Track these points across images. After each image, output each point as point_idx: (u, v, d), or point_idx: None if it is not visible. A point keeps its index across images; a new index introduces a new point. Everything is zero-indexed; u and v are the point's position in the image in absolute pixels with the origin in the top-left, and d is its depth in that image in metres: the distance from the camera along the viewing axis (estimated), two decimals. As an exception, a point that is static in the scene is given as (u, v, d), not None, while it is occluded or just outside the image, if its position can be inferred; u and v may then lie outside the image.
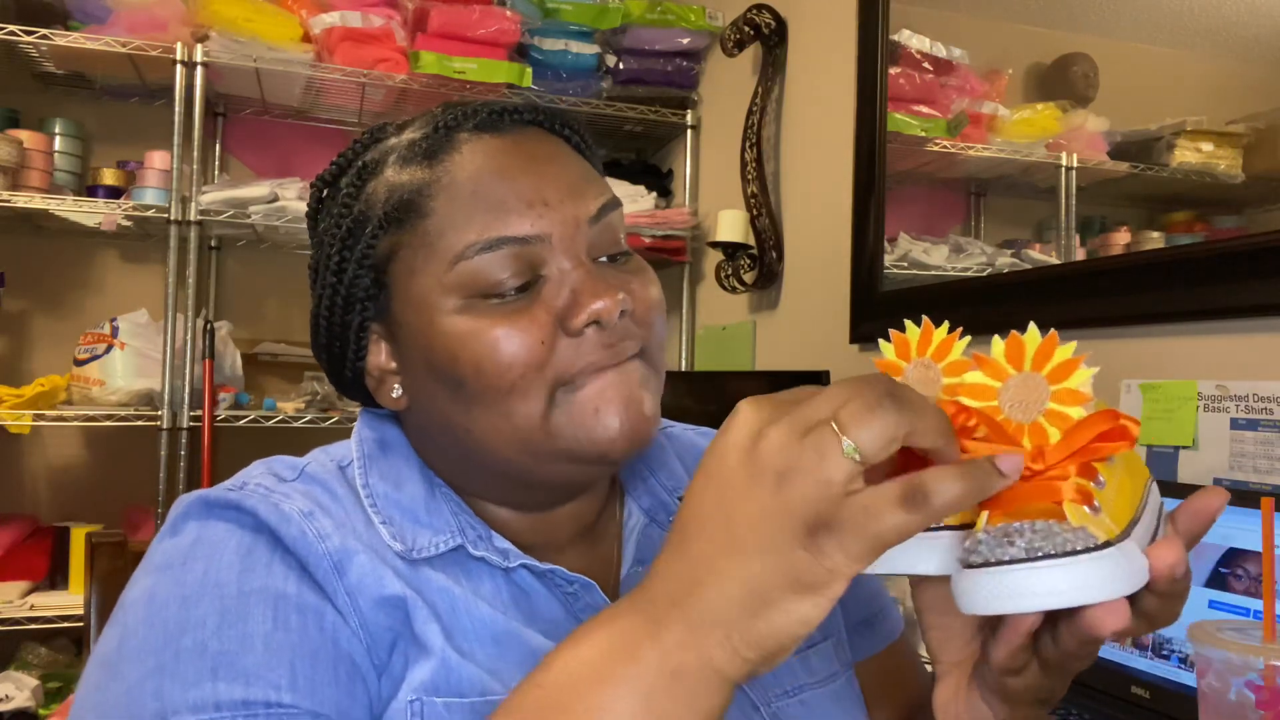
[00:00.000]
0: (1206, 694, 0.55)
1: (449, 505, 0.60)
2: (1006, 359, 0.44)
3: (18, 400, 1.99)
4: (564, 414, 0.57)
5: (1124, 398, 1.13)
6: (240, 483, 0.59)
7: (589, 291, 0.56)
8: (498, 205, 0.57)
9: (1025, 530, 0.38)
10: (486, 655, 0.55)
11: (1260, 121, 1.10)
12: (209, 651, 0.49)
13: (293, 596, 0.52)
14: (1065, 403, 0.42)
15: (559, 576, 0.59)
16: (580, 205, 0.59)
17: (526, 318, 0.56)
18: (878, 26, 1.73)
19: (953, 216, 1.67)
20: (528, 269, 0.57)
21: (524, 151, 0.60)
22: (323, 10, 2.18)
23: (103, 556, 0.85)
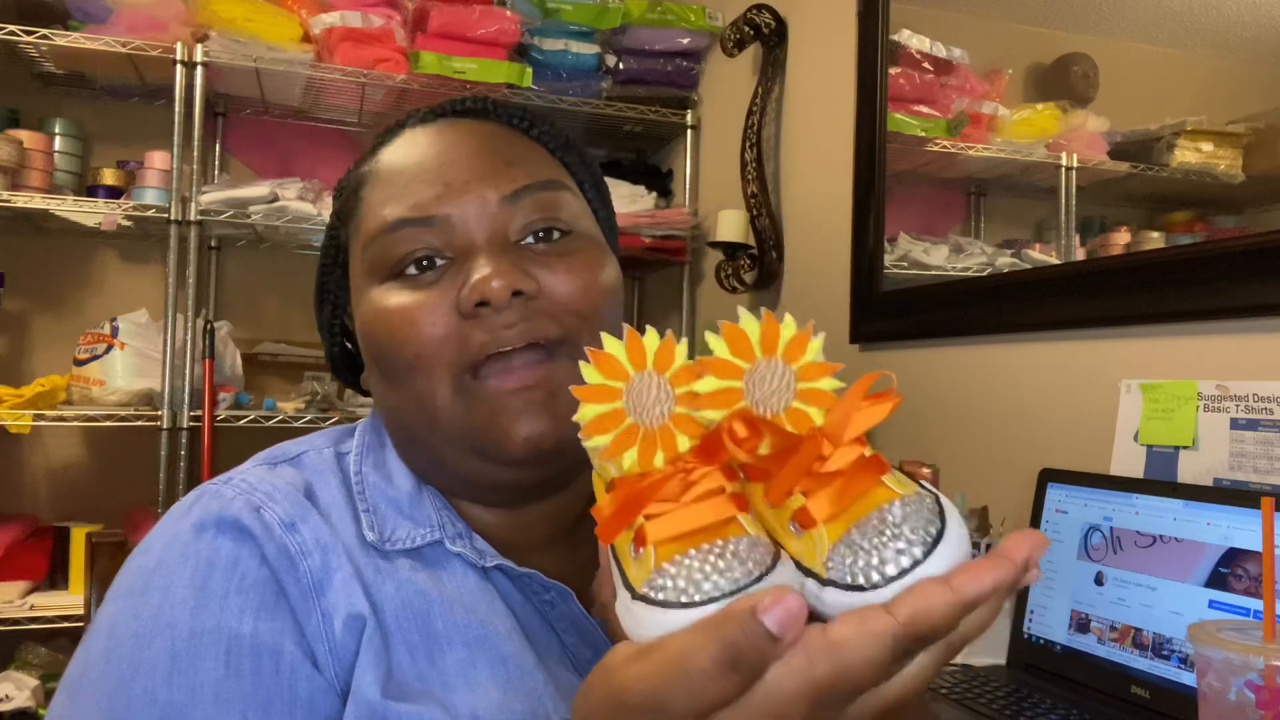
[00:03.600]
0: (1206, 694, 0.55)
1: (433, 502, 0.60)
2: (734, 354, 0.39)
3: (18, 400, 1.99)
4: (466, 404, 0.55)
5: (1124, 398, 1.13)
6: (228, 476, 0.58)
7: (480, 269, 0.55)
8: (402, 189, 0.58)
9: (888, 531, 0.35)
10: (457, 659, 0.54)
11: (1260, 121, 1.10)
12: (158, 702, 0.48)
13: (247, 638, 0.51)
14: (813, 378, 0.38)
15: (536, 582, 0.58)
16: (491, 185, 0.58)
17: (424, 297, 0.56)
18: (878, 26, 1.73)
19: (953, 216, 1.67)
20: (434, 251, 0.57)
21: (447, 139, 0.60)
22: (323, 10, 2.18)
23: (103, 556, 0.85)
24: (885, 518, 0.35)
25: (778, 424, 0.38)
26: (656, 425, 0.39)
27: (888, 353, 1.68)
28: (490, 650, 0.55)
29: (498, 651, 0.55)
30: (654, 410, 0.39)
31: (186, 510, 0.56)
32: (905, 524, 0.34)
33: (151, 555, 0.54)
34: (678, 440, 0.38)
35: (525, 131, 0.63)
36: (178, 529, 0.55)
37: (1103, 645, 1.01)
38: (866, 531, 0.35)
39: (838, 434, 0.37)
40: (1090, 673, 1.01)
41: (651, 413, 0.39)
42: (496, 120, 0.63)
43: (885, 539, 0.34)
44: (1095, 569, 1.04)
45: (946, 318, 1.51)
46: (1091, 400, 1.21)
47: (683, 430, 0.38)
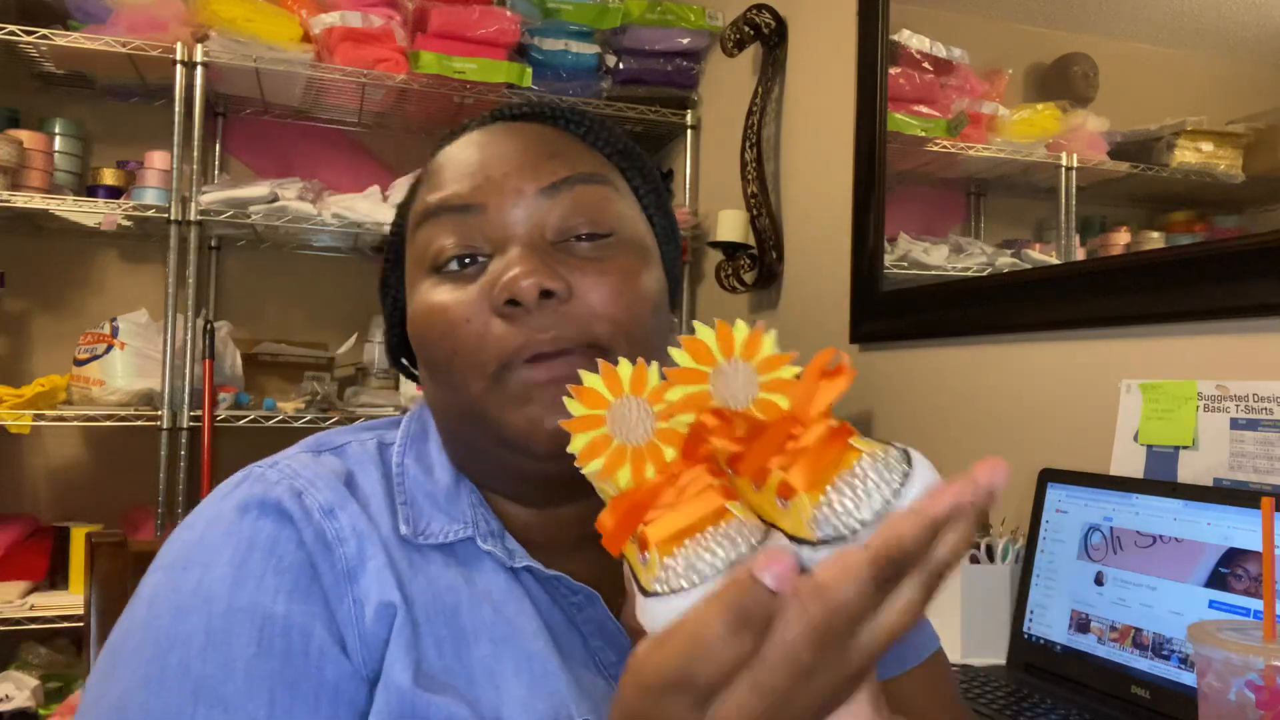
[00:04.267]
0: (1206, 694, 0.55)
1: (469, 498, 0.61)
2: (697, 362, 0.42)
3: (18, 400, 1.99)
4: (499, 396, 0.56)
5: (1124, 398, 1.13)
6: (274, 460, 0.60)
7: (511, 267, 0.55)
8: (445, 178, 0.60)
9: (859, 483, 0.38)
10: (482, 656, 0.55)
11: (1260, 121, 1.10)
12: (192, 673, 0.50)
13: (280, 618, 0.52)
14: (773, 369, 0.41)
15: (564, 585, 0.59)
16: (530, 177, 0.58)
17: (460, 293, 0.57)
18: (878, 26, 1.73)
19: (953, 216, 1.67)
20: (470, 244, 0.58)
21: (495, 137, 0.61)
22: (323, 10, 2.18)
23: (103, 556, 0.85)
24: (856, 473, 0.38)
25: (748, 415, 0.41)
26: (643, 442, 0.42)
27: (888, 353, 1.68)
28: (516, 649, 0.55)
29: (523, 650, 0.55)
30: (638, 430, 0.42)
31: (231, 490, 0.57)
32: (874, 473, 0.38)
33: (195, 531, 0.56)
34: (664, 452, 0.42)
35: (576, 133, 0.63)
36: (221, 508, 0.56)
37: (1103, 645, 1.01)
38: (841, 489, 0.38)
39: (804, 411, 0.40)
40: (1090, 673, 1.01)
41: (636, 432, 0.42)
42: (549, 122, 0.63)
43: (859, 491, 0.37)
44: (1095, 569, 1.04)
45: (946, 318, 1.51)
46: (1091, 400, 1.21)
47: (667, 442, 0.42)
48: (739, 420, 0.41)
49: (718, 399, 0.41)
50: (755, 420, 0.41)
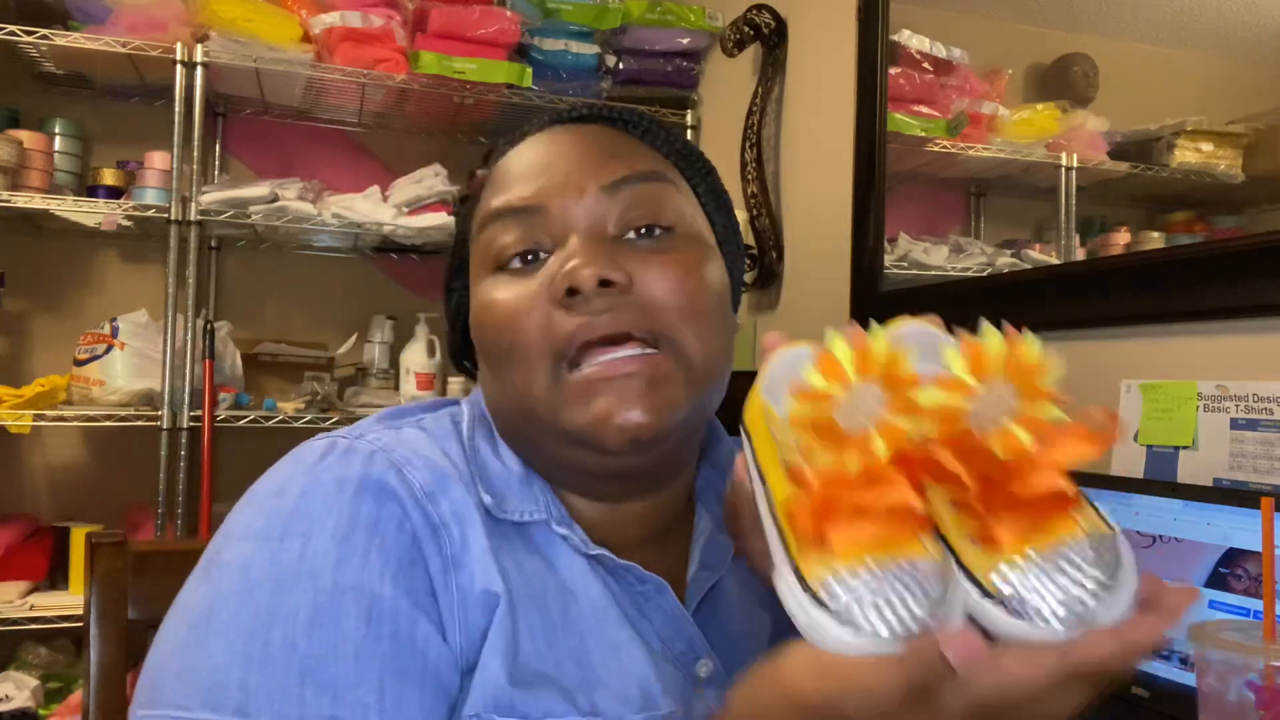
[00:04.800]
0: (1206, 694, 0.55)
1: (539, 484, 0.61)
2: (970, 370, 0.38)
3: (18, 400, 1.99)
4: (562, 392, 0.56)
5: (1124, 398, 1.13)
6: (358, 431, 0.59)
7: (570, 258, 0.56)
8: (507, 182, 0.61)
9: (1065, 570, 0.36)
10: (570, 644, 0.55)
11: (1260, 121, 1.10)
12: (299, 651, 0.48)
13: (387, 600, 0.50)
14: (1035, 400, 0.39)
15: (634, 575, 0.59)
16: (590, 176, 0.59)
17: (521, 286, 0.57)
18: (878, 26, 1.73)
19: (953, 216, 1.67)
20: (533, 241, 0.59)
21: (556, 140, 0.62)
22: (323, 10, 2.18)
23: (103, 556, 0.85)
24: (1064, 553, 0.36)
25: (987, 448, 0.38)
26: (859, 429, 0.38)
27: (888, 353, 1.68)
28: (601, 637, 0.56)
29: (609, 638, 0.56)
30: (860, 415, 0.39)
31: (320, 461, 0.56)
32: (1082, 561, 0.35)
33: (287, 500, 0.54)
34: (877, 446, 0.38)
35: (635, 134, 0.64)
36: (315, 479, 0.54)
37: (1103, 645, 1.01)
38: (1043, 564, 0.36)
39: (1044, 458, 0.38)
40: (1090, 673, 1.01)
41: (857, 418, 0.39)
42: (608, 124, 0.64)
43: (1060, 577, 0.35)
44: (1095, 569, 1.04)
45: (946, 318, 1.51)
46: (1091, 400, 1.20)
47: (886, 437, 0.38)
48: (975, 449, 0.38)
49: (973, 422, 0.38)
50: (990, 455, 0.38)
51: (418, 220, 2.25)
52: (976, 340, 0.39)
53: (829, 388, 0.39)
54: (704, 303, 0.58)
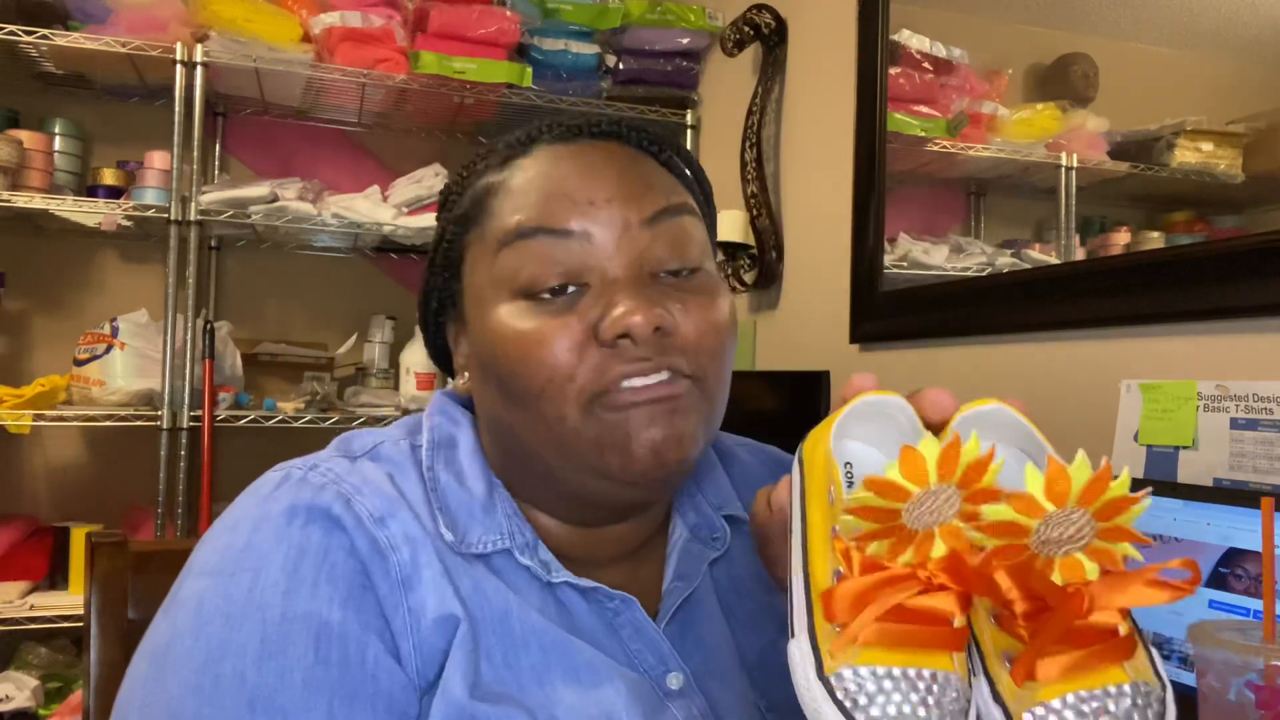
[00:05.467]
0: (1206, 694, 0.55)
1: (504, 508, 0.60)
2: (1047, 496, 0.36)
3: (18, 400, 1.99)
4: (597, 428, 0.56)
5: (1124, 398, 1.13)
6: (312, 462, 0.59)
7: (623, 302, 0.55)
8: (543, 199, 0.58)
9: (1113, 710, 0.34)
10: (531, 662, 0.55)
11: (1260, 121, 1.10)
12: (248, 683, 0.49)
13: (336, 626, 0.51)
14: (1112, 538, 0.36)
15: (601, 593, 0.59)
16: (632, 207, 0.58)
17: (561, 323, 0.56)
18: (878, 26, 1.73)
19: (953, 216, 1.67)
20: (570, 273, 0.57)
21: (586, 157, 0.60)
22: (323, 10, 2.18)
23: (103, 556, 0.85)
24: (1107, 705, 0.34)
25: (1046, 573, 0.36)
26: (923, 527, 0.37)
27: (888, 353, 1.68)
28: (562, 655, 0.56)
29: (571, 658, 0.56)
30: (929, 515, 0.38)
31: (272, 493, 0.56)
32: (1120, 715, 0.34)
33: (239, 535, 0.55)
34: (935, 545, 0.37)
35: (656, 156, 0.63)
36: (266, 511, 0.55)
37: (1103, 645, 1.01)
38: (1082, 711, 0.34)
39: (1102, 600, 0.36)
40: (1090, 673, 1.01)
41: (925, 517, 0.38)
42: (629, 143, 0.63)
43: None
44: (1095, 569, 1.04)
45: (946, 318, 1.51)
46: (1091, 400, 1.21)
47: (946, 538, 0.37)
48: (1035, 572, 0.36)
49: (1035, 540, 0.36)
50: (1048, 585, 0.36)
51: (418, 220, 2.25)
52: (1062, 465, 0.37)
53: (907, 486, 0.37)
54: (727, 341, 0.60)
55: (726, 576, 0.66)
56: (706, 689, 0.59)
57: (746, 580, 0.66)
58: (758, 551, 0.56)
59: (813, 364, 1.81)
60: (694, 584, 0.63)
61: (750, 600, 0.65)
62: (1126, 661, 0.35)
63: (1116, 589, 0.35)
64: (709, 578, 0.65)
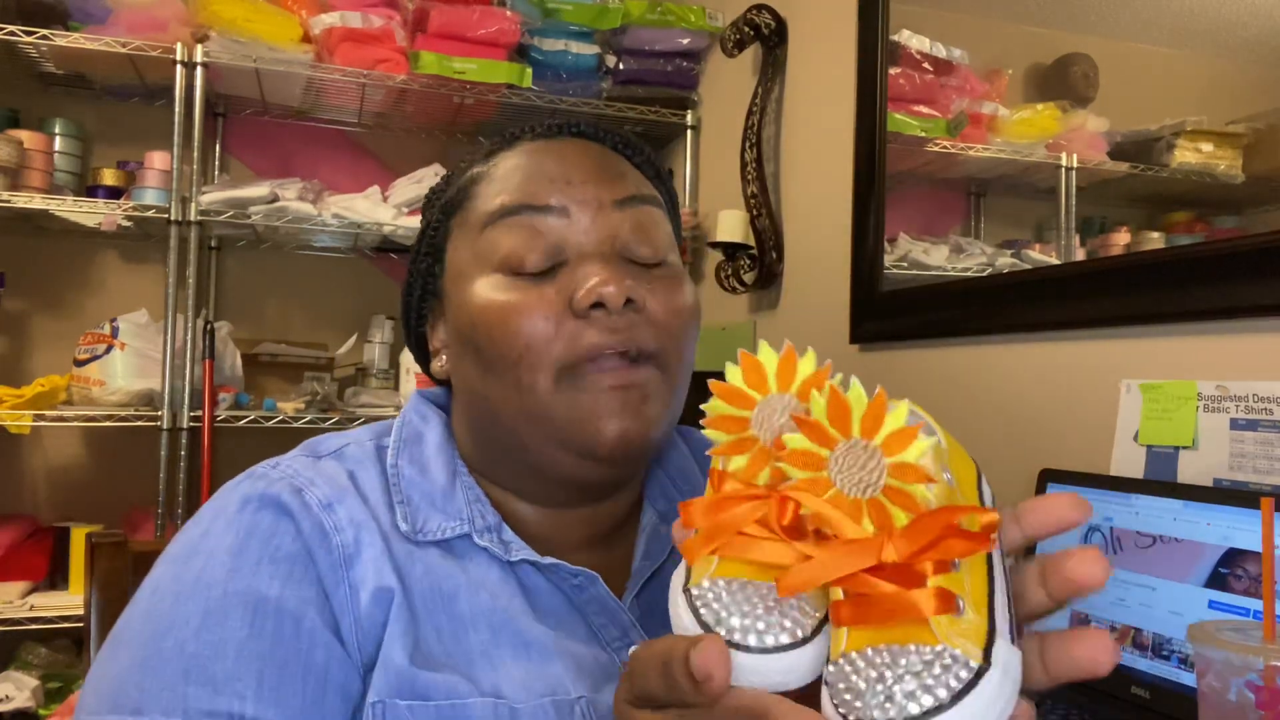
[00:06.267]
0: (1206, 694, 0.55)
1: (466, 495, 0.63)
2: (830, 421, 0.37)
3: (18, 400, 1.99)
4: (565, 400, 0.59)
5: (1124, 398, 1.13)
6: (275, 461, 0.63)
7: (598, 273, 0.59)
8: (525, 181, 0.62)
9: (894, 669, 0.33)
10: (480, 640, 0.57)
11: (1260, 121, 1.10)
12: (186, 653, 0.52)
13: (272, 600, 0.54)
14: (906, 479, 0.35)
15: (562, 570, 0.61)
16: (605, 188, 0.62)
17: (538, 294, 0.59)
18: (878, 26, 1.73)
19: (953, 216, 1.67)
20: (549, 248, 0.61)
21: (565, 149, 0.65)
22: (323, 10, 2.18)
23: (103, 556, 0.85)
24: (899, 661, 0.33)
25: (838, 504, 0.36)
26: (771, 439, 0.39)
27: (888, 353, 1.68)
28: (513, 633, 0.58)
29: (520, 636, 0.58)
30: (774, 424, 0.39)
31: (234, 487, 0.60)
32: (909, 679, 0.32)
33: (200, 526, 0.59)
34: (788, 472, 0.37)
35: (628, 157, 0.68)
36: (224, 503, 0.59)
37: (1103, 645, 1.01)
38: (874, 662, 0.33)
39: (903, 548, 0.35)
40: (1090, 673, 1.01)
41: (767, 431, 0.40)
42: (605, 144, 0.68)
43: (879, 686, 0.33)
44: (1095, 569, 1.04)
45: (946, 318, 1.51)
46: (1091, 400, 1.21)
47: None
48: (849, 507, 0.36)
49: (834, 472, 0.36)
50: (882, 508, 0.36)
51: (418, 220, 2.25)
52: (838, 390, 0.37)
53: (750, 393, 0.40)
54: (691, 325, 0.64)
55: None
56: None
57: None
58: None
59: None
60: (657, 563, 0.65)
61: None
62: (936, 620, 0.33)
63: (916, 538, 0.35)
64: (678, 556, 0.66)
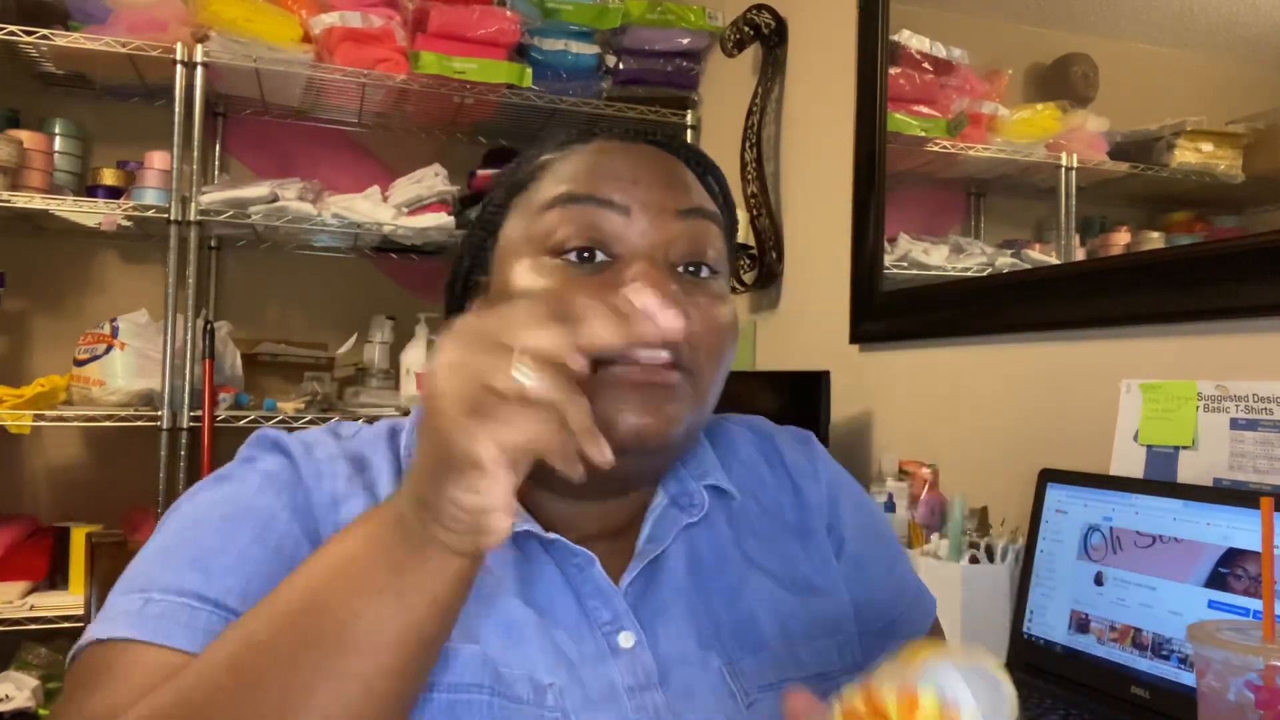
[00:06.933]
0: (1206, 694, 0.55)
1: None
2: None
3: (18, 400, 1.99)
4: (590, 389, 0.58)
5: (1124, 398, 1.14)
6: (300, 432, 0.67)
7: (645, 276, 0.59)
8: (592, 174, 0.63)
9: None
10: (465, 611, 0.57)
11: (1260, 121, 1.10)
12: (200, 545, 0.57)
13: (282, 524, 0.59)
14: None
15: (563, 548, 0.62)
16: (669, 195, 0.63)
17: (582, 285, 0.60)
18: (878, 26, 1.73)
19: (953, 216, 1.67)
20: (603, 240, 0.62)
21: (638, 152, 0.66)
22: (323, 10, 2.18)
23: (103, 556, 0.85)
24: None
25: None
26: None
27: (888, 353, 1.68)
28: (499, 611, 0.59)
29: (503, 615, 0.59)
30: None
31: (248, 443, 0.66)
32: None
33: (239, 457, 0.65)
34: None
35: (698, 174, 0.69)
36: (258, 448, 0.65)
37: (1103, 645, 1.01)
38: None
39: None
40: (1090, 673, 1.01)
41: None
42: (677, 155, 0.68)
43: None
44: (1095, 569, 1.04)
45: (946, 318, 1.51)
46: (1091, 400, 1.21)
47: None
48: None
49: None
50: None
51: (417, 220, 2.25)
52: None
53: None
54: (728, 346, 0.64)
55: (707, 544, 0.68)
56: (659, 650, 0.61)
57: (726, 548, 0.68)
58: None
59: (813, 364, 1.81)
60: (662, 545, 0.65)
61: (730, 567, 0.67)
62: None
63: None
64: (685, 545, 0.67)
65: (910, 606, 0.75)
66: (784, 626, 0.65)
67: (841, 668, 0.66)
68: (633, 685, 0.59)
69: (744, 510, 0.70)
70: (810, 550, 0.71)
